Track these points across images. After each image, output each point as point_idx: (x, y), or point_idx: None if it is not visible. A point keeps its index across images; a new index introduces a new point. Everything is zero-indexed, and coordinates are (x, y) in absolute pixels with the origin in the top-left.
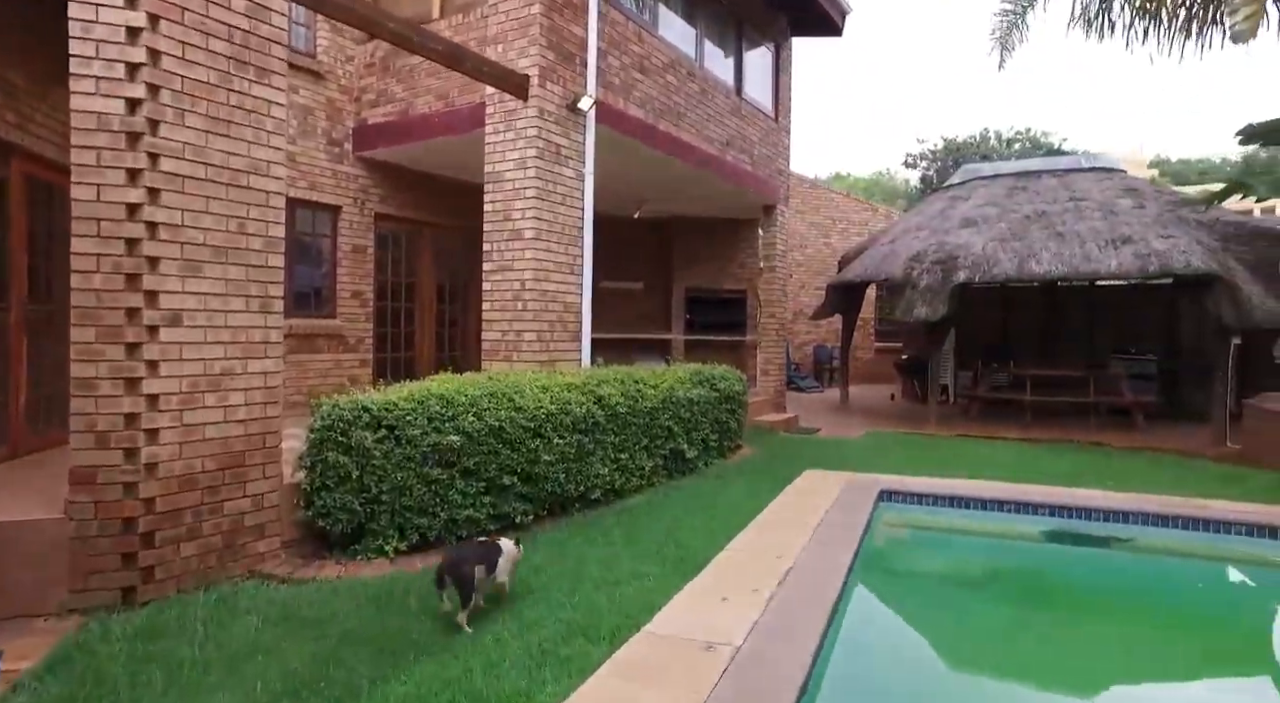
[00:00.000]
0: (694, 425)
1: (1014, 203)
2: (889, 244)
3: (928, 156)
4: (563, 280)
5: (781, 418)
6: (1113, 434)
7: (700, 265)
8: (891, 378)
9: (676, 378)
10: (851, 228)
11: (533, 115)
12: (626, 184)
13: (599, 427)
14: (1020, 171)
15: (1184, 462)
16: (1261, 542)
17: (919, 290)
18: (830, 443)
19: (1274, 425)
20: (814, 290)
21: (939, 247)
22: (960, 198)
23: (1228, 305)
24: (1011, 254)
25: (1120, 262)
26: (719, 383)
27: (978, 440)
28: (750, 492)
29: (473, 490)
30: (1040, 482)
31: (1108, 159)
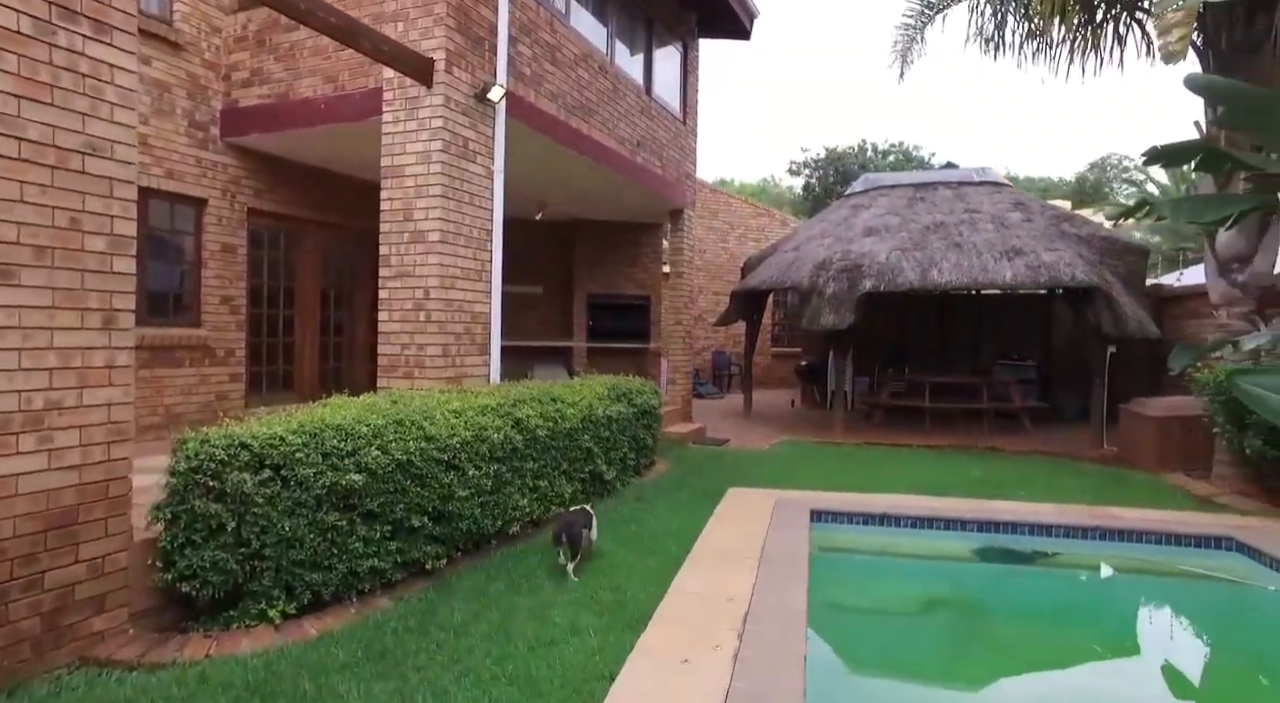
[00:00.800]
0: (613, 445)
1: (914, 213)
2: (793, 251)
3: (810, 165)
4: (470, 288)
5: (690, 429)
6: (1004, 438)
7: (602, 270)
8: (789, 382)
9: (595, 394)
10: (749, 233)
11: (438, 103)
12: (532, 184)
13: (518, 453)
14: (918, 183)
15: (1073, 465)
16: (1173, 550)
17: (826, 298)
18: (743, 455)
19: (1146, 428)
20: (712, 295)
21: (844, 254)
22: (862, 206)
23: (1106, 315)
24: (914, 263)
25: (1014, 272)
26: (636, 398)
27: (885, 448)
28: (676, 514)
29: (377, 536)
30: (958, 492)
31: (994, 174)
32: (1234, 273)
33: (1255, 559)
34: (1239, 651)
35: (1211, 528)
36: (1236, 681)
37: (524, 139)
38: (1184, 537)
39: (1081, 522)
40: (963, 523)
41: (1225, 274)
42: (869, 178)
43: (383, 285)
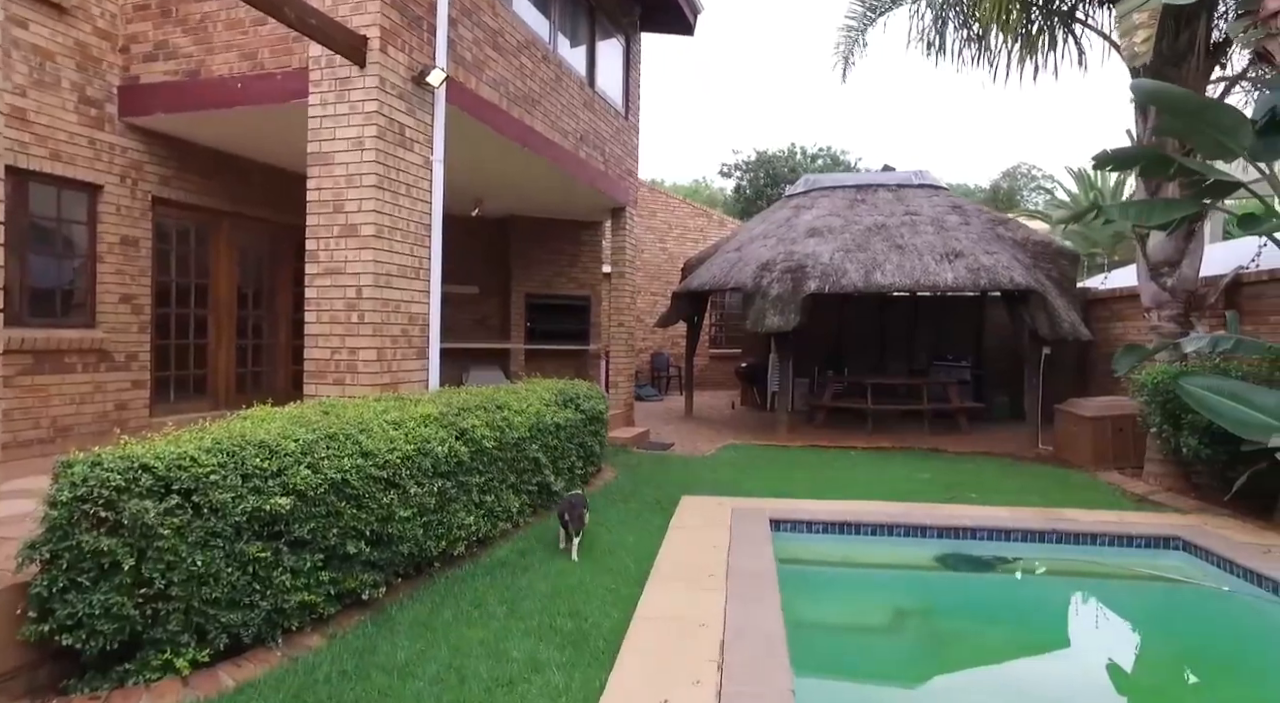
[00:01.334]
0: (561, 454)
1: (855, 214)
2: (736, 251)
3: (741, 167)
4: (407, 287)
5: (633, 433)
6: (945, 439)
7: (541, 269)
8: (727, 384)
9: (542, 400)
10: (688, 234)
11: (373, 86)
12: (471, 178)
13: (463, 467)
14: (859, 184)
15: (1014, 465)
16: (1124, 551)
17: (770, 299)
18: (691, 460)
19: (1082, 428)
20: (650, 296)
21: (788, 255)
22: (804, 207)
23: (1043, 318)
24: (858, 265)
25: (955, 275)
26: (584, 403)
27: (831, 451)
28: (631, 527)
29: (307, 566)
30: (913, 497)
31: (931, 177)
32: (1164, 277)
33: (1200, 557)
34: (1189, 649)
35: (1159, 529)
36: (1177, 677)
37: (464, 129)
38: (1134, 538)
39: (1036, 525)
40: (923, 530)
41: (1156, 278)
42: (810, 179)
43: (310, 283)
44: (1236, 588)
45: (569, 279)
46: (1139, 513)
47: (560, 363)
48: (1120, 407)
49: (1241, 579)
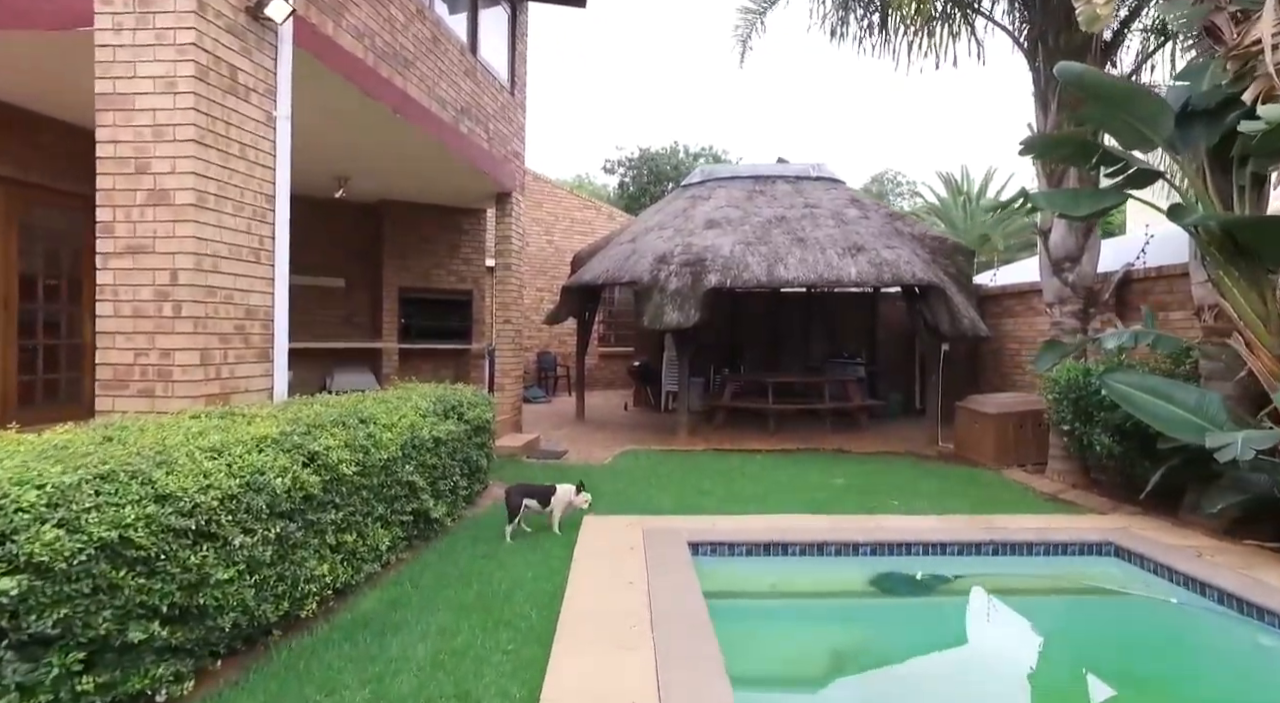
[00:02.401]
0: (443, 473)
1: (755, 206)
2: (630, 243)
3: (625, 164)
4: (244, 272)
5: (523, 441)
6: (847, 438)
7: (418, 261)
8: (617, 384)
9: (418, 410)
10: (575, 226)
11: (188, 9)
12: (333, 150)
13: (314, 502)
14: (757, 175)
15: (920, 464)
16: (1058, 560)
17: (669, 294)
18: (589, 471)
19: (984, 425)
20: (536, 292)
21: (686, 248)
22: (701, 198)
23: (944, 314)
24: (760, 258)
25: (859, 269)
26: (468, 411)
27: (735, 454)
28: (527, 559)
29: (53, 675)
30: (834, 507)
31: (828, 170)
32: (1066, 272)
33: (1135, 563)
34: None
35: (1089, 534)
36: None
37: (322, 85)
38: (1068, 546)
39: (969, 536)
40: (855, 547)
41: (1058, 273)
42: (706, 169)
43: (104, 265)
44: (1179, 598)
45: (449, 272)
46: (1064, 517)
47: (439, 364)
48: (1020, 404)
49: (1181, 587)
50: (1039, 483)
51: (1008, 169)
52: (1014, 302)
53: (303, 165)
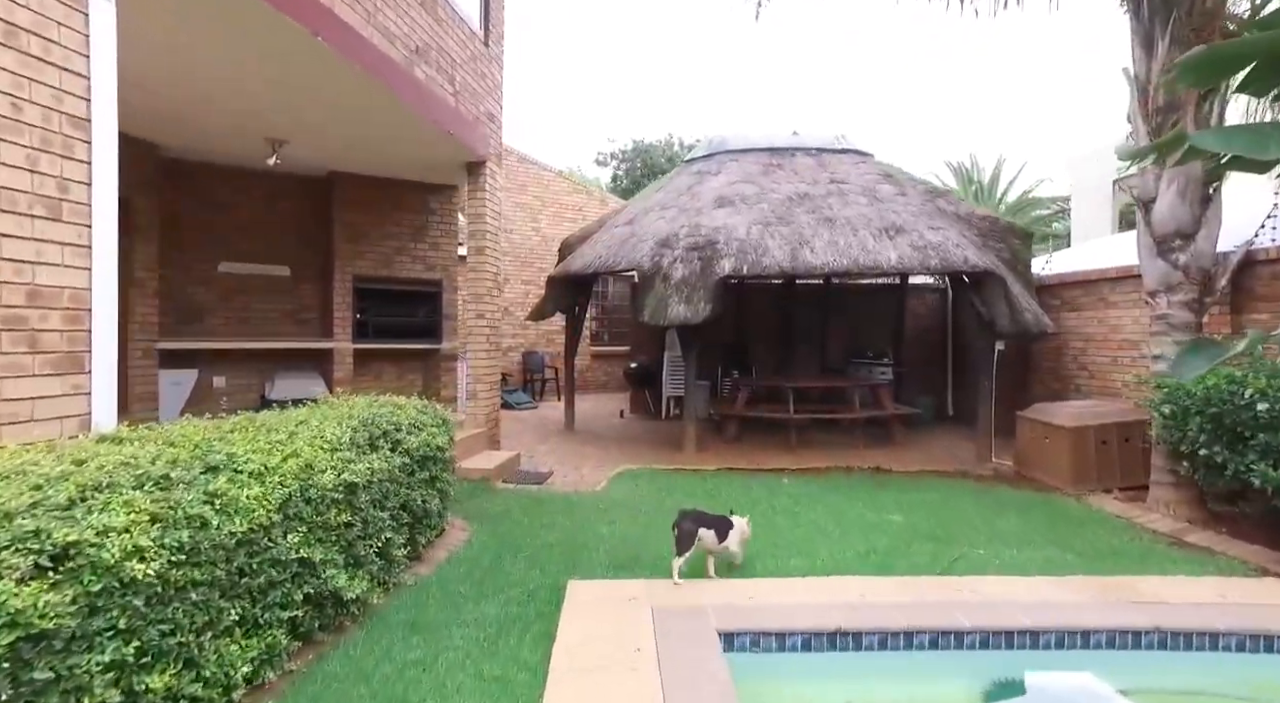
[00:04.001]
0: (367, 531)
1: (772, 182)
2: (626, 226)
3: (618, 156)
4: (32, 237)
5: (499, 460)
6: (881, 453)
7: (375, 244)
8: (611, 386)
9: (325, 442)
10: (565, 211)
11: None
12: (253, 101)
13: (95, 617)
14: (773, 147)
15: (983, 489)
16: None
17: (674, 284)
18: (577, 501)
19: (1058, 440)
20: (521, 285)
21: (693, 229)
22: (708, 173)
23: (1002, 308)
24: (782, 241)
25: (900, 254)
26: (409, 438)
27: (757, 478)
28: (486, 660)
29: None
30: (896, 555)
31: (854, 142)
32: (1175, 252)
33: None
34: None
35: None
36: None
37: None
38: (1271, 637)
39: (1118, 617)
40: (959, 636)
41: (1164, 254)
42: (714, 140)
43: None
44: None
45: (414, 258)
46: (1236, 581)
47: (404, 367)
48: (1100, 414)
49: None
50: (1145, 517)
51: (1017, 159)
52: (1078, 292)
53: (223, 124)
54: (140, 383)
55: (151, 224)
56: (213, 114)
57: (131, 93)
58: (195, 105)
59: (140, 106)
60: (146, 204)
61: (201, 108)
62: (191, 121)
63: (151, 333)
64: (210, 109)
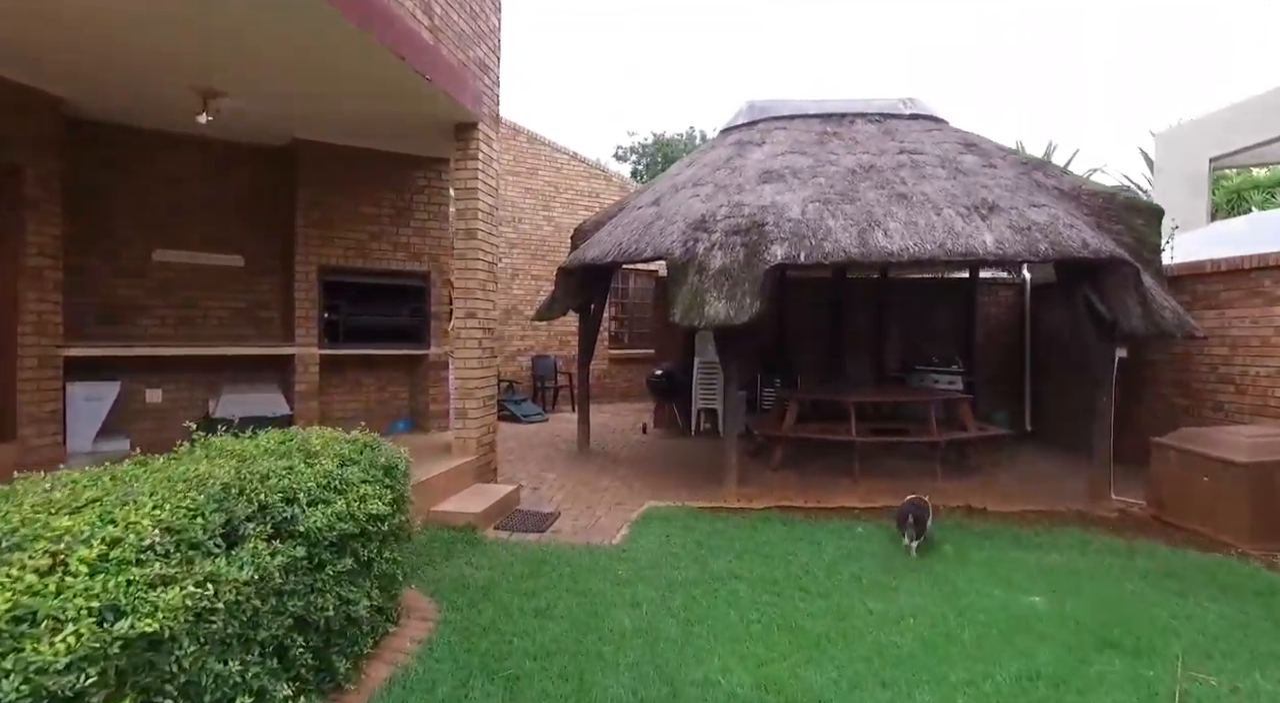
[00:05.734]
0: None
1: (829, 152)
2: (652, 206)
3: (638, 150)
4: None
5: (492, 498)
6: (964, 486)
7: (347, 228)
8: (631, 394)
9: (126, 541)
10: (580, 199)
11: None
12: (161, 28)
13: None
14: (826, 113)
15: (1126, 545)
16: None
17: (710, 275)
18: (589, 562)
19: (1220, 477)
20: (531, 280)
21: (734, 209)
22: (751, 143)
23: (1132, 304)
24: (847, 222)
25: (998, 238)
26: (315, 512)
27: (814, 520)
28: None
29: None
30: (1060, 681)
31: (926, 106)
32: None
33: None
34: None
35: None
36: None
37: None
38: None
39: None
40: None
41: None
42: (757, 105)
43: None
44: None
45: (395, 246)
46: None
47: (384, 376)
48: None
49: None
50: None
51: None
52: (1218, 286)
53: (125, 64)
54: (37, 400)
55: (51, 198)
56: (129, 55)
57: (10, 25)
58: (104, 43)
59: (29, 44)
60: (43, 172)
61: (113, 47)
62: (105, 68)
63: (53, 336)
64: (124, 48)
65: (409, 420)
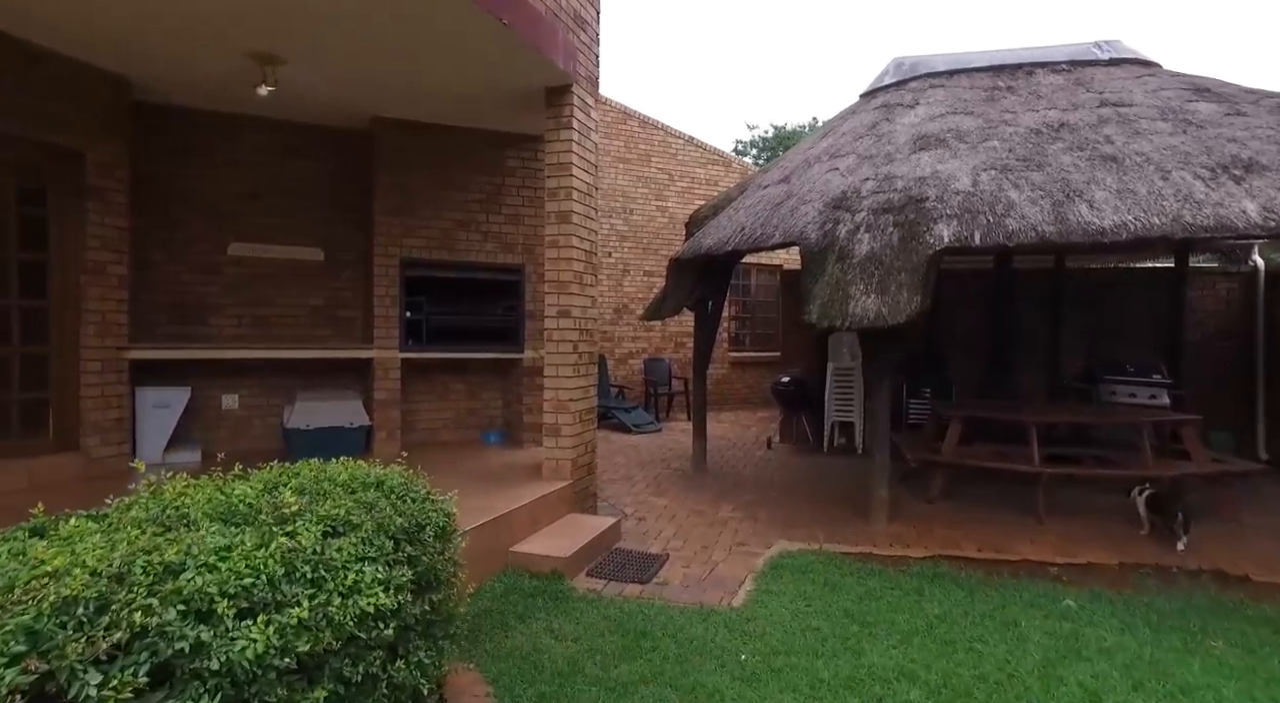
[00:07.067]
0: None
1: (1003, 110)
2: (780, 184)
3: (758, 144)
4: None
5: (587, 535)
6: (1197, 537)
7: (430, 216)
8: (754, 400)
9: None
10: (696, 187)
11: None
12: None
13: None
14: (998, 65)
15: None
16: None
17: (855, 264)
18: (703, 638)
19: None
20: (644, 276)
21: (884, 183)
22: (900, 106)
23: None
24: (1035, 193)
25: (1264, 205)
26: (296, 602)
27: (995, 579)
28: None
29: None
30: None
31: (1128, 48)
32: None
33: None
34: None
35: None
36: None
37: None
38: None
39: None
40: None
41: None
42: (906, 62)
43: None
44: None
45: (484, 235)
46: None
47: (474, 383)
48: None
49: None
50: None
51: None
52: None
53: (180, 30)
54: (101, 406)
55: (118, 188)
56: (185, 21)
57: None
58: (169, 18)
59: (90, 21)
60: (106, 158)
61: (179, 23)
62: (159, 36)
63: (117, 337)
64: (179, 13)
65: (503, 433)
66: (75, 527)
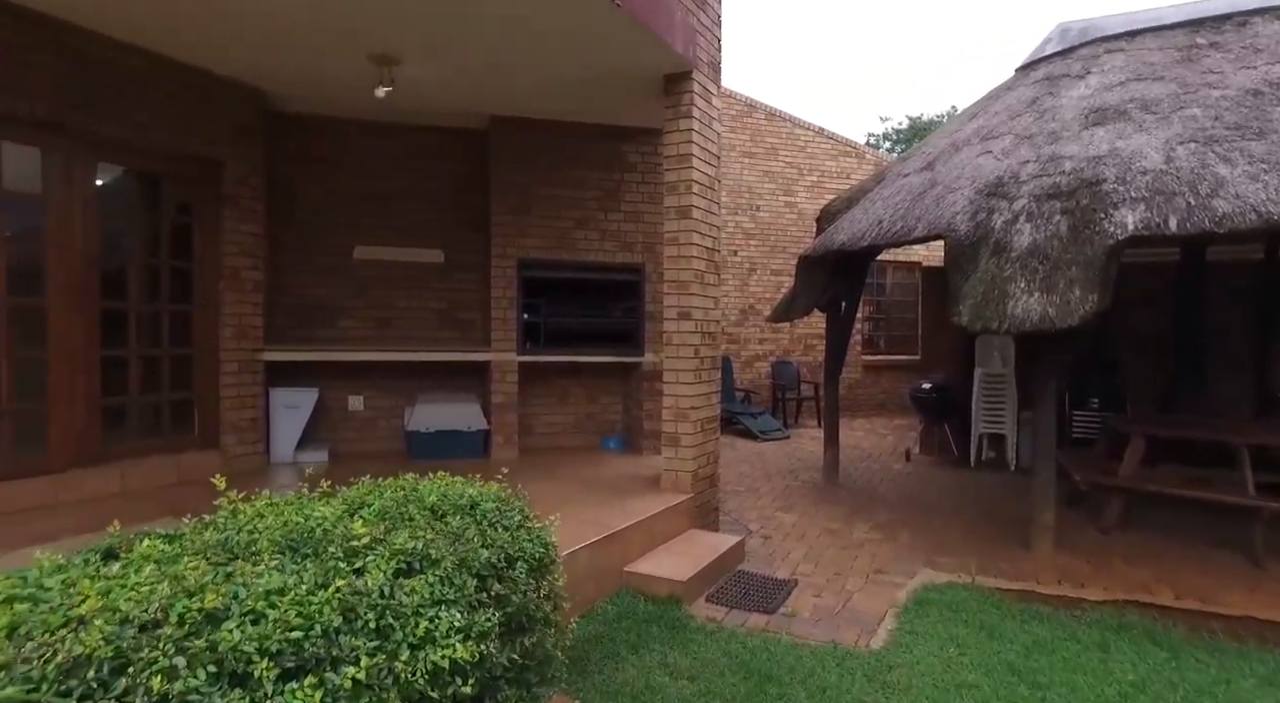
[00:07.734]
0: None
1: (1204, 72)
2: (922, 172)
3: (891, 137)
4: None
5: (708, 556)
6: None
7: (546, 216)
8: (889, 407)
9: None
10: (827, 180)
11: None
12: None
13: None
14: (1195, 19)
15: None
16: None
17: (1014, 257)
18: (834, 683)
19: None
20: (771, 275)
21: (1048, 165)
22: (1068, 76)
23: None
24: (1254, 167)
25: None
26: (353, 657)
27: (1209, 649)
28: None
29: None
30: None
31: None
32: None
33: None
34: None
35: None
36: None
37: None
38: None
39: None
40: None
41: None
42: (1074, 27)
43: None
44: None
45: (602, 233)
46: None
47: (594, 386)
48: None
49: None
50: None
51: None
52: None
53: (305, 40)
54: (237, 406)
55: (252, 196)
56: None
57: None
58: (299, 29)
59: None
60: (243, 167)
61: (307, 31)
62: (297, 53)
63: (253, 340)
64: (302, 24)
65: (622, 439)
66: (146, 549)
